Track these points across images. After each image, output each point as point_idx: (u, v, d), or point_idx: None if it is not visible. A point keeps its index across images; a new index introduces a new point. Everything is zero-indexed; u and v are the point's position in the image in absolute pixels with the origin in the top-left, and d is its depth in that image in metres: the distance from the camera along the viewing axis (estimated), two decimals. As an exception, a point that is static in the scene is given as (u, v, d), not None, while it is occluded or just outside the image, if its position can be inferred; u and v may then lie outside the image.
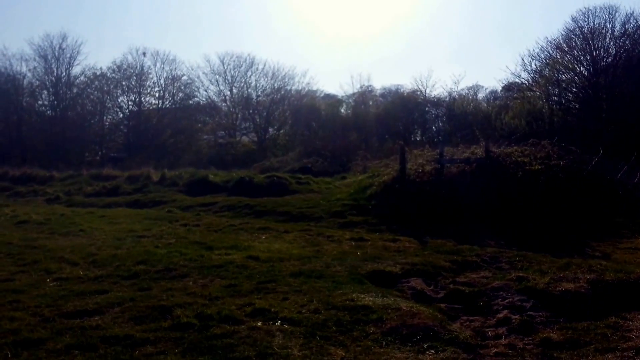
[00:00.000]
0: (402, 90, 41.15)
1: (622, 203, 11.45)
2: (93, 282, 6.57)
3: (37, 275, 6.96)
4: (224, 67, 43.01)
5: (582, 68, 26.37)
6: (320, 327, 4.85)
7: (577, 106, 26.27)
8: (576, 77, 26.54)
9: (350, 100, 41.86)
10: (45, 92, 41.83)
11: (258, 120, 41.56)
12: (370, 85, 43.43)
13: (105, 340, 4.58)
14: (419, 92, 38.36)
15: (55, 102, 41.12)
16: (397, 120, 34.53)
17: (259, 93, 43.10)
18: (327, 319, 5.06)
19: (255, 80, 43.09)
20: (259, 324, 4.96)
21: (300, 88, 43.49)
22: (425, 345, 4.48)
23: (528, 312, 5.62)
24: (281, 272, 6.90)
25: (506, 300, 6.00)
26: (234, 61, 43.03)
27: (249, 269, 7.09)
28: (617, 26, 25.50)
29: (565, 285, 6.18)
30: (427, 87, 38.85)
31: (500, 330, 5.14)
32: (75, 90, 41.94)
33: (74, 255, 8.10)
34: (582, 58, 26.25)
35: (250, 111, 42.14)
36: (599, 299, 5.91)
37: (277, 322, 5.02)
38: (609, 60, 25.34)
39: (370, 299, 5.70)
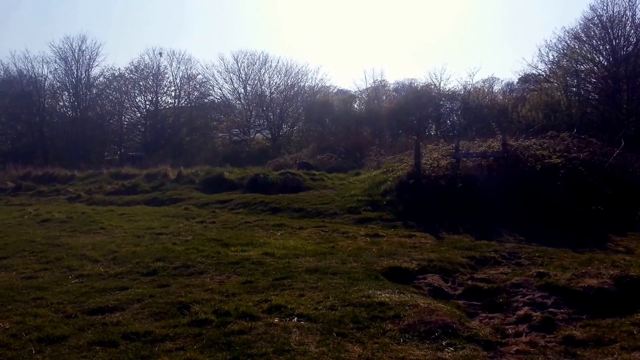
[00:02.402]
0: (415, 84, 40.79)
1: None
2: (113, 279, 6.68)
3: (60, 272, 7.09)
4: (238, 65, 43.19)
5: (601, 58, 25.62)
6: (337, 324, 4.84)
7: (596, 97, 25.50)
8: (595, 68, 25.78)
9: (364, 96, 41.65)
10: (66, 93, 42.59)
11: (272, 117, 41.61)
12: (384, 80, 43.13)
13: (126, 336, 4.65)
14: (433, 86, 37.86)
15: (76, 103, 41.81)
16: (410, 114, 34.16)
17: (273, 90, 43.19)
18: (344, 315, 5.05)
19: (269, 78, 43.22)
20: (276, 320, 4.98)
21: (313, 84, 43.50)
22: (443, 343, 4.45)
23: (549, 309, 5.54)
24: (297, 269, 6.92)
25: (526, 297, 5.91)
26: (248, 59, 43.19)
27: (265, 266, 7.13)
28: (638, 14, 25.05)
29: (588, 281, 6.04)
30: (441, 80, 38.39)
31: (520, 328, 5.07)
32: (94, 91, 42.67)
33: (95, 252, 8.24)
34: (601, 47, 25.47)
35: (264, 108, 42.19)
36: (623, 295, 5.77)
37: (293, 318, 5.03)
38: (630, 49, 24.54)
39: (387, 295, 5.68)
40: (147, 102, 42.37)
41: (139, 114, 42.83)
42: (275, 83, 43.17)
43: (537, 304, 5.70)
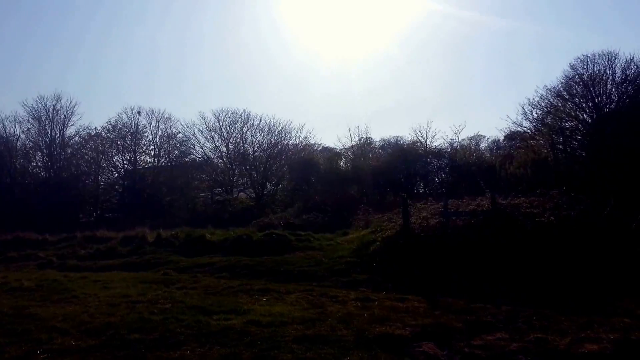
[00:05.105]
0: (401, 141, 41.07)
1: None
2: (85, 354, 6.24)
3: (27, 346, 6.61)
4: (219, 124, 43.24)
5: (585, 115, 26.20)
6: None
7: (583, 154, 25.86)
8: (580, 125, 26.30)
9: (349, 153, 41.61)
10: (39, 153, 41.66)
11: (255, 175, 41.36)
12: (369, 138, 43.26)
13: None
14: (419, 144, 37.98)
15: (49, 164, 40.89)
16: (398, 172, 33.91)
17: (256, 148, 43.15)
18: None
19: (252, 136, 43.27)
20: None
21: (297, 142, 43.48)
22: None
23: None
24: (284, 338, 6.61)
25: None
26: (230, 117, 43.28)
27: (250, 335, 6.77)
28: (618, 72, 25.60)
29: (588, 347, 5.95)
30: (427, 138, 38.57)
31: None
32: (69, 151, 41.82)
33: (66, 323, 7.72)
34: (584, 105, 26.08)
35: (247, 167, 41.99)
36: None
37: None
38: (612, 106, 25.12)
39: None
40: (125, 162, 41.80)
41: (116, 174, 42.17)
42: (258, 141, 43.25)
43: (537, 372, 5.50)
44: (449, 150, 36.29)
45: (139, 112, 41.72)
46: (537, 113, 28.24)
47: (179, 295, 9.88)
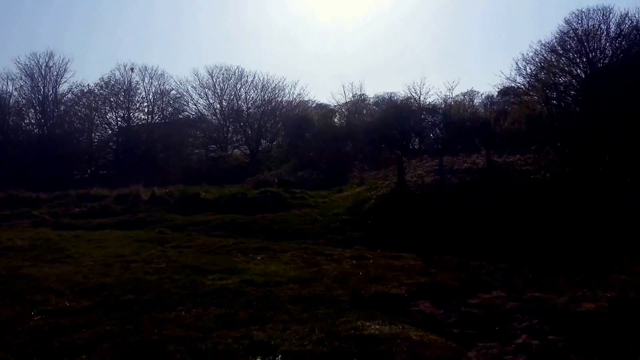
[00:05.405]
0: (395, 98, 40.64)
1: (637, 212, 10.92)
2: (80, 315, 6.15)
3: (21, 308, 6.51)
4: (212, 80, 42.75)
5: (579, 70, 25.93)
6: (326, 363, 4.46)
7: (577, 109, 25.70)
8: (574, 80, 26.09)
9: (344, 110, 41.35)
10: (32, 110, 41.48)
11: (250, 132, 41.12)
12: (363, 94, 42.89)
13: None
14: (412, 100, 37.62)
15: (42, 121, 40.77)
16: (392, 128, 33.63)
17: (250, 105, 42.80)
18: (332, 352, 4.70)
19: (245, 93, 42.87)
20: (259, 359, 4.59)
21: (291, 99, 43.21)
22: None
23: (548, 337, 5.35)
24: (279, 298, 6.56)
25: (523, 324, 5.75)
26: (223, 74, 42.77)
27: (245, 295, 6.71)
28: (612, 27, 25.14)
29: (585, 305, 5.94)
30: (421, 94, 38.14)
31: (520, 358, 4.88)
32: (62, 108, 41.62)
33: (60, 284, 7.61)
34: (578, 60, 25.79)
35: (242, 124, 41.70)
36: (621, 318, 5.65)
37: (277, 356, 4.67)
38: (606, 61, 24.87)
39: (377, 327, 5.38)
40: (118, 119, 41.61)
41: (110, 131, 41.97)
42: (252, 98, 42.90)
43: (535, 331, 5.51)
44: (443, 106, 36.02)
45: (132, 69, 41.34)
46: (530, 69, 27.86)
47: (174, 255, 9.81)
